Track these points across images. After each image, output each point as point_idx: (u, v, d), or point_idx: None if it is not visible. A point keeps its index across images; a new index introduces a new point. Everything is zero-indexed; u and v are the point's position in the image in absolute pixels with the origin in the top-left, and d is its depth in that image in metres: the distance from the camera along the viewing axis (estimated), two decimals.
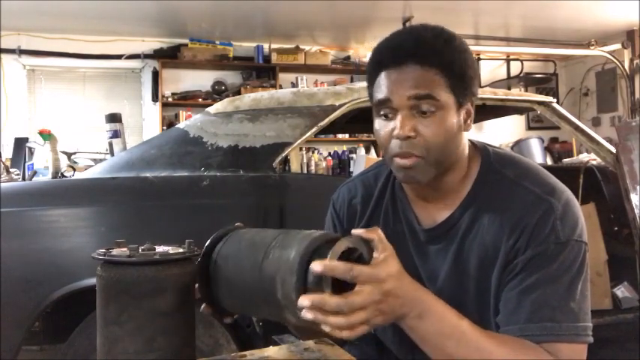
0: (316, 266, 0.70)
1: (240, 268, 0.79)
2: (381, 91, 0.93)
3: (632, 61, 5.30)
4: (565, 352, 0.84)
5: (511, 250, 0.89)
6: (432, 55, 0.90)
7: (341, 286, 0.74)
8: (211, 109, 2.12)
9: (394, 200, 1.06)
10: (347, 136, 6.29)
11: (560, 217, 0.88)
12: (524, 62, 6.60)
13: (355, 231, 0.78)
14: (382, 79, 0.93)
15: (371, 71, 0.96)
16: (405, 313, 0.80)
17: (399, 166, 0.93)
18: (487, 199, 0.94)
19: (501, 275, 0.90)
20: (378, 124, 0.96)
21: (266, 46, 6.20)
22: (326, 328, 0.72)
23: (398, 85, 0.90)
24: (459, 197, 0.97)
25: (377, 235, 0.78)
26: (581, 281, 0.88)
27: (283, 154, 1.99)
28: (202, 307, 0.85)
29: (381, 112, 0.94)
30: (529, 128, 6.91)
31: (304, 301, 0.69)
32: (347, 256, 0.75)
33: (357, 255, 0.77)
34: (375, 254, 0.77)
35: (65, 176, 2.34)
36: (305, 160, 5.82)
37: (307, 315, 0.70)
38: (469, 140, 1.02)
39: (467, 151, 0.99)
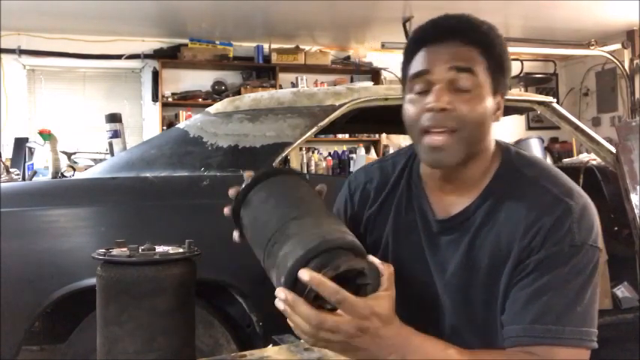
0: (303, 274, 0.70)
1: (275, 209, 0.80)
2: (419, 64, 0.92)
3: (632, 61, 5.30)
4: (566, 357, 0.84)
5: (525, 248, 0.88)
6: (475, 33, 0.91)
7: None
8: (211, 109, 2.12)
9: (409, 189, 1.04)
10: (347, 136, 6.29)
11: (577, 219, 0.88)
12: (524, 62, 6.59)
13: (372, 259, 0.78)
14: (421, 55, 0.92)
15: (409, 50, 0.95)
16: (384, 356, 0.77)
17: (429, 146, 0.90)
18: (505, 196, 0.93)
19: (512, 273, 0.89)
20: (410, 100, 0.93)
21: (266, 46, 6.20)
22: (290, 324, 0.74)
23: (438, 57, 0.90)
24: (476, 191, 0.96)
25: (388, 272, 0.78)
26: (590, 286, 0.88)
27: (283, 154, 1.99)
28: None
29: (415, 87, 0.92)
30: (529, 128, 6.91)
31: (280, 293, 0.71)
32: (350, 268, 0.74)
33: (358, 272, 0.74)
34: (379, 288, 0.76)
35: (65, 176, 2.34)
36: (305, 160, 5.82)
37: (279, 305, 0.72)
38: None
39: (493, 144, 0.97)
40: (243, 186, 0.84)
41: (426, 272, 0.99)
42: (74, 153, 3.28)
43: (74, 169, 2.51)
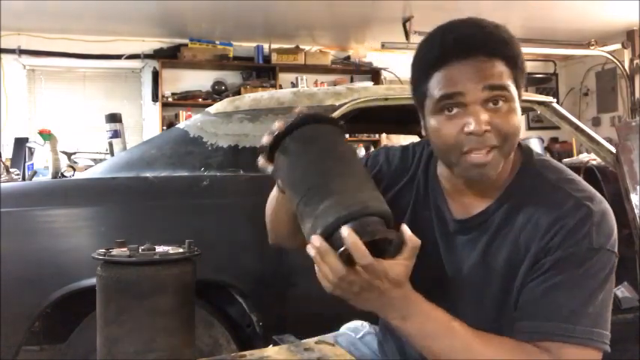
0: (344, 231, 0.75)
1: (320, 158, 0.83)
2: (447, 85, 0.88)
3: (632, 61, 5.30)
4: (574, 355, 0.84)
5: (542, 248, 0.89)
6: (499, 46, 0.89)
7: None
8: (211, 109, 2.12)
9: (426, 187, 1.04)
10: (347, 136, 6.26)
11: (597, 223, 0.88)
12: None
13: (404, 229, 0.81)
14: (445, 74, 0.88)
15: (425, 68, 0.91)
16: (386, 312, 0.83)
17: (475, 163, 0.88)
18: (525, 198, 0.93)
19: (527, 272, 0.90)
20: (438, 121, 0.90)
21: (266, 46, 6.20)
22: (316, 269, 0.80)
23: (467, 76, 0.87)
24: (495, 192, 0.96)
25: (412, 245, 0.80)
26: (604, 290, 0.88)
27: None
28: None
29: (447, 109, 0.89)
30: (529, 128, 6.91)
31: (316, 241, 0.77)
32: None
33: (388, 241, 0.79)
34: (399, 255, 0.80)
35: (65, 176, 2.34)
36: None
37: (310, 251, 0.78)
38: None
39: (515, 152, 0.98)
40: (287, 125, 0.85)
41: (439, 271, 0.99)
42: (74, 153, 3.28)
43: (74, 169, 2.51)
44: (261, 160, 0.90)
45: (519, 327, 0.88)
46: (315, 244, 0.77)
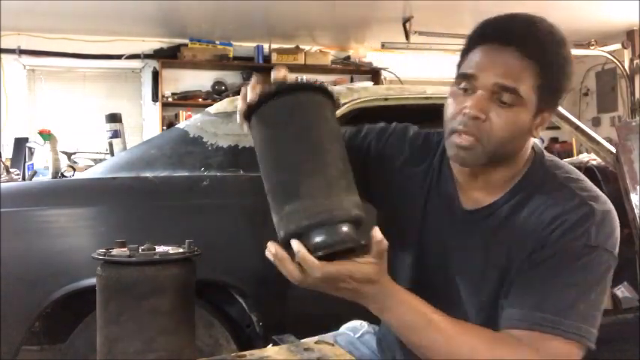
0: (294, 245, 0.77)
1: (290, 148, 0.78)
2: (470, 65, 0.91)
3: (632, 61, 5.30)
4: (555, 349, 0.84)
5: (541, 241, 0.90)
6: (537, 49, 0.88)
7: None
8: (211, 109, 2.12)
9: (439, 174, 1.05)
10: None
11: (597, 223, 0.89)
12: None
13: (375, 234, 0.81)
14: (477, 53, 0.91)
15: (469, 42, 0.94)
16: (365, 304, 0.85)
17: (454, 144, 0.91)
18: (532, 194, 0.94)
19: (523, 262, 0.91)
20: (454, 94, 0.94)
21: (266, 46, 6.20)
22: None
23: (490, 65, 0.89)
24: (505, 187, 0.97)
25: (378, 249, 0.80)
26: (598, 288, 0.88)
27: None
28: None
29: (462, 85, 0.92)
30: None
31: (271, 248, 0.80)
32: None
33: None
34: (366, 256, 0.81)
35: (65, 176, 2.34)
36: None
37: (269, 256, 0.80)
38: None
39: (527, 154, 0.98)
40: (266, 91, 0.80)
41: (443, 259, 1.00)
42: (74, 153, 3.28)
43: (74, 169, 2.51)
44: (238, 118, 0.87)
45: (507, 314, 0.88)
46: (272, 250, 0.79)
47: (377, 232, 0.80)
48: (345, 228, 0.76)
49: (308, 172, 0.76)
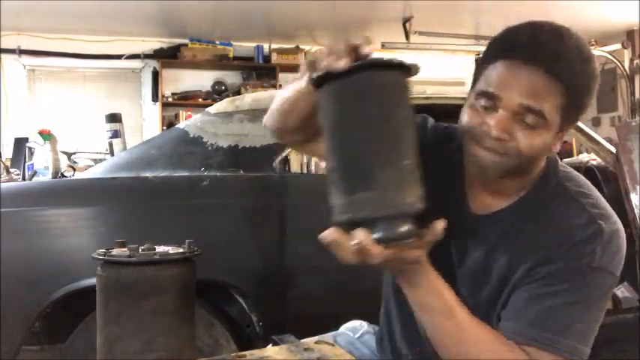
0: (360, 234, 0.73)
1: (369, 135, 0.74)
2: (492, 82, 0.87)
3: (632, 61, 5.30)
4: None
5: (545, 255, 0.89)
6: (566, 71, 0.84)
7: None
8: (211, 109, 2.12)
9: (452, 173, 1.03)
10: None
11: (604, 243, 0.88)
12: None
13: (437, 226, 0.79)
14: (499, 68, 0.87)
15: (490, 53, 0.90)
16: (400, 277, 0.84)
17: (474, 154, 0.89)
18: (542, 204, 0.93)
19: (524, 274, 0.90)
20: (472, 106, 0.90)
21: (266, 46, 6.20)
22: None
23: (514, 84, 0.84)
24: (516, 193, 0.96)
25: (435, 237, 0.78)
26: (595, 308, 0.88)
27: (283, 154, 1.99)
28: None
29: (482, 102, 0.88)
30: None
31: (333, 234, 0.75)
32: None
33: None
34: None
35: (65, 176, 2.34)
36: (305, 160, 5.81)
37: (325, 239, 0.75)
38: None
39: (541, 165, 0.96)
40: (353, 64, 0.73)
41: (445, 261, 0.99)
42: (74, 153, 3.28)
43: (74, 169, 2.51)
44: (304, 80, 0.82)
45: (506, 326, 0.88)
46: (332, 236, 0.75)
47: (439, 225, 0.78)
48: (409, 224, 0.75)
49: (383, 162, 0.74)
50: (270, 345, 0.97)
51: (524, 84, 0.84)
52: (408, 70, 0.76)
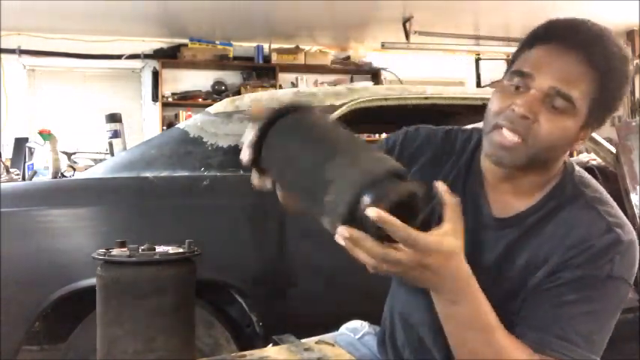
0: (372, 212, 0.65)
1: (302, 153, 0.74)
2: (527, 63, 0.88)
3: (632, 61, 5.30)
4: None
5: (564, 262, 0.88)
6: (602, 57, 0.85)
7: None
8: (211, 109, 2.12)
9: (467, 174, 1.02)
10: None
11: (622, 253, 0.88)
12: None
13: (440, 186, 0.75)
14: (536, 51, 0.88)
15: (533, 36, 0.90)
16: (439, 291, 0.78)
17: (497, 142, 0.88)
18: (559, 209, 0.93)
19: (542, 280, 0.89)
20: (502, 90, 0.90)
21: (266, 46, 6.20)
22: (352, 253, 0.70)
23: (549, 66, 0.86)
24: (532, 198, 0.95)
25: (451, 202, 0.74)
26: (612, 318, 0.89)
27: None
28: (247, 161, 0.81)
29: (514, 81, 0.89)
30: None
31: (344, 231, 0.67)
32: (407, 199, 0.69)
33: (416, 202, 0.70)
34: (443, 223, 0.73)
35: (65, 176, 2.34)
36: None
37: (340, 241, 0.68)
38: None
39: (561, 164, 0.96)
40: (260, 126, 0.77)
41: None
42: (74, 153, 3.28)
43: (74, 169, 2.51)
44: (254, 179, 0.82)
45: (521, 333, 0.87)
46: (345, 235, 0.67)
47: (442, 185, 0.74)
48: (391, 178, 0.69)
49: (327, 158, 0.71)
50: (270, 345, 0.97)
51: (559, 68, 0.85)
52: (304, 107, 0.79)
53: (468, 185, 1.01)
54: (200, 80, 6.11)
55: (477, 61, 6.88)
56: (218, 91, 6.01)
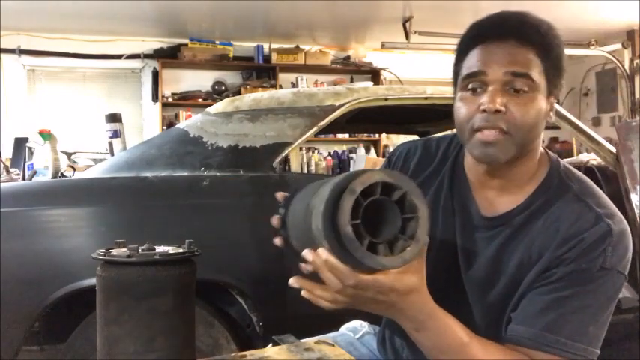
0: (317, 256, 0.73)
1: (299, 208, 0.82)
2: (474, 64, 0.91)
3: (632, 61, 5.31)
4: None
5: (557, 257, 0.89)
6: (533, 34, 0.90)
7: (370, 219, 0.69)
8: (211, 109, 2.12)
9: (452, 178, 1.04)
10: (347, 136, 6.29)
11: (614, 243, 0.88)
12: None
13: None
14: (477, 53, 0.92)
15: (464, 46, 0.95)
16: (401, 320, 0.82)
17: (481, 141, 0.90)
18: (547, 205, 0.94)
19: (536, 277, 0.90)
20: (463, 98, 0.93)
21: (266, 46, 6.20)
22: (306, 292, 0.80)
23: (494, 58, 0.89)
24: (520, 195, 0.96)
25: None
26: (608, 309, 0.89)
27: (283, 154, 1.99)
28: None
29: (469, 86, 0.92)
30: None
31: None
32: (386, 193, 0.70)
33: (401, 195, 0.71)
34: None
35: (65, 176, 2.34)
36: (305, 160, 5.81)
37: (308, 267, 0.78)
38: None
39: (541, 146, 0.98)
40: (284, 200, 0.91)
41: (452, 263, 1.00)
42: (74, 153, 3.28)
43: (74, 169, 2.51)
44: (277, 241, 0.98)
45: (516, 330, 0.88)
46: (322, 256, 0.73)
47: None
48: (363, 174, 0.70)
49: (312, 197, 0.78)
50: (270, 345, 0.97)
51: (504, 56, 0.89)
52: None
53: (454, 189, 1.03)
54: (200, 80, 6.11)
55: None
56: (218, 91, 6.01)
